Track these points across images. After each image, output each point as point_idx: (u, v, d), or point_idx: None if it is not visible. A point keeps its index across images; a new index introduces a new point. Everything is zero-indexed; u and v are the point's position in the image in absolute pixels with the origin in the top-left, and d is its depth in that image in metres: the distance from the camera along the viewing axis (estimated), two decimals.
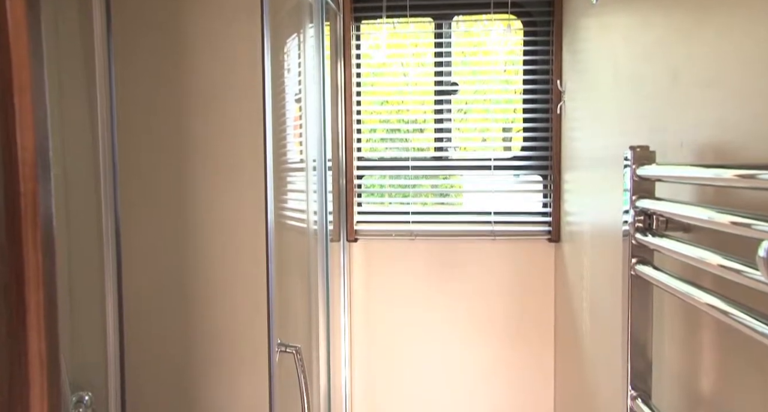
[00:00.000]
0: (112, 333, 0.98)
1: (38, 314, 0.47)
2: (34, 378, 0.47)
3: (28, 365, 0.49)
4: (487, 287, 1.80)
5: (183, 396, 1.86)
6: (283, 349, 1.40)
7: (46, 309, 0.47)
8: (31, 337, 0.48)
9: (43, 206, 0.47)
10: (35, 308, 0.47)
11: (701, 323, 0.83)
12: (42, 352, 0.48)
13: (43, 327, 0.47)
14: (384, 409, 1.86)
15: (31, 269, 0.48)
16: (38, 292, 0.47)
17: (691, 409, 0.87)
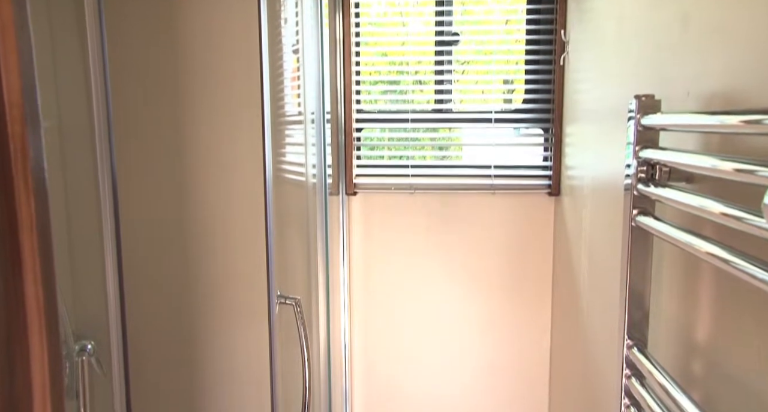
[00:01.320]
0: (111, 283, 0.99)
1: (33, 259, 0.46)
2: (32, 323, 0.47)
3: (25, 311, 0.48)
4: (486, 241, 1.80)
5: (184, 347, 1.89)
6: (283, 301, 1.41)
7: (41, 255, 0.47)
8: (27, 283, 0.48)
9: (33, 149, 0.46)
10: (30, 253, 0.46)
11: (699, 274, 0.83)
12: (39, 298, 0.48)
13: (39, 273, 0.47)
14: (382, 360, 1.89)
15: (24, 214, 0.47)
16: (32, 237, 0.46)
17: (686, 357, 0.88)
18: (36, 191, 0.48)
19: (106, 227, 1.46)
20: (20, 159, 0.45)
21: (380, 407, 1.91)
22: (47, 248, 0.48)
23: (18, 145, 0.45)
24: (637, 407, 0.91)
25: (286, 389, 1.51)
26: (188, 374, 1.89)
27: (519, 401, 1.86)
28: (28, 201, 0.46)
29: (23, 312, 0.48)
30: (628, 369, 0.92)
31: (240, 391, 1.89)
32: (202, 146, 1.77)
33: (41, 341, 0.48)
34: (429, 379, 1.88)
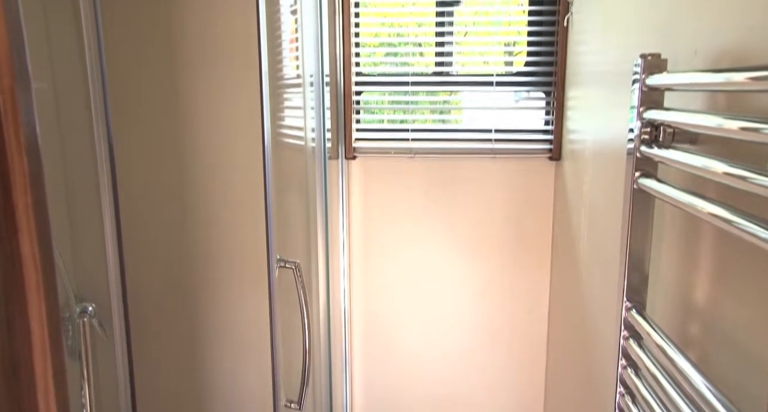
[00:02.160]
0: (111, 247, 0.99)
1: (28, 216, 0.46)
2: (30, 282, 0.47)
3: (22, 270, 0.48)
4: (486, 205, 1.80)
5: (185, 312, 1.90)
6: (283, 264, 1.42)
7: (35, 212, 0.46)
8: (23, 242, 0.47)
9: (23, 104, 0.45)
10: (24, 210, 0.45)
11: (700, 235, 0.83)
12: (35, 254, 0.47)
13: (34, 230, 0.46)
14: (382, 324, 1.91)
15: (17, 171, 0.46)
16: (26, 194, 0.46)
17: (684, 318, 0.88)
18: (28, 149, 0.47)
19: (104, 192, 1.45)
20: (10, 114, 0.44)
21: (379, 369, 1.94)
22: (42, 206, 0.47)
23: (8, 100, 0.44)
24: (634, 367, 0.92)
25: (287, 353, 1.53)
26: (189, 339, 1.91)
27: (517, 363, 1.89)
28: (20, 158, 0.46)
29: (20, 271, 0.48)
30: (626, 331, 0.93)
31: (241, 355, 1.92)
32: (200, 110, 1.75)
33: (39, 300, 0.48)
34: (428, 342, 1.90)
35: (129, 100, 1.74)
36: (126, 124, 1.74)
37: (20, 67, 0.46)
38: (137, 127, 1.76)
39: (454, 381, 1.92)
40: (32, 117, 0.47)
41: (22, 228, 0.46)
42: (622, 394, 0.96)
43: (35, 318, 0.49)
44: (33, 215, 0.46)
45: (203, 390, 1.95)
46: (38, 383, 0.51)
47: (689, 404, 0.73)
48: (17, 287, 0.48)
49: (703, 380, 0.69)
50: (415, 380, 1.93)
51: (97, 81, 1.24)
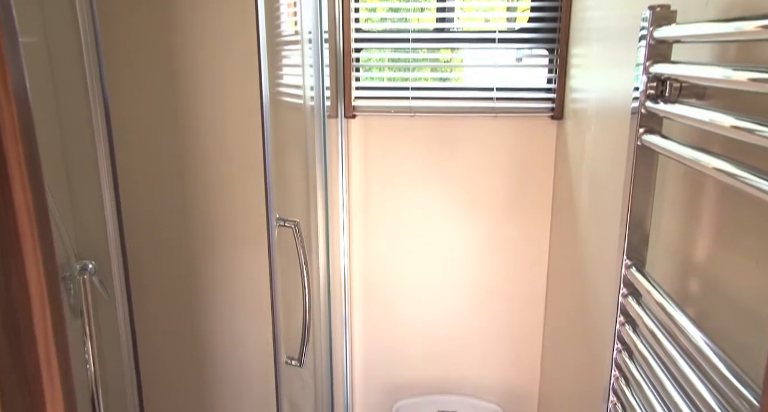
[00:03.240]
0: (108, 204, 0.98)
1: (20, 166, 0.45)
2: (23, 230, 0.46)
3: (16, 221, 0.47)
4: (487, 165, 1.79)
5: (185, 272, 1.91)
6: (282, 223, 1.42)
7: (27, 162, 0.45)
8: (16, 191, 0.46)
9: (9, 52, 0.43)
10: (15, 159, 0.44)
11: (703, 192, 0.82)
12: (29, 205, 0.46)
13: (27, 181, 0.45)
14: (381, 282, 1.92)
15: (6, 119, 0.45)
16: (17, 144, 0.45)
17: (684, 275, 0.88)
18: (18, 99, 0.46)
19: (100, 150, 1.44)
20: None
21: (379, 328, 1.96)
22: (34, 157, 0.46)
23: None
24: (632, 324, 0.93)
25: (287, 311, 1.54)
26: (190, 299, 1.93)
27: (515, 320, 1.91)
28: (9, 107, 0.44)
29: (14, 222, 0.47)
30: (625, 288, 0.93)
31: (242, 313, 1.94)
32: (196, 69, 1.72)
33: (35, 251, 0.47)
34: (427, 300, 1.92)
35: (121, 61, 1.71)
36: (121, 81, 1.71)
37: (5, 14, 0.44)
38: (133, 85, 1.73)
39: (452, 338, 1.94)
40: (20, 66, 0.46)
41: (14, 178, 0.45)
42: (619, 350, 0.97)
43: (32, 270, 0.49)
44: (25, 165, 0.45)
45: (204, 348, 1.97)
46: (38, 335, 0.51)
47: (687, 360, 0.74)
48: (11, 239, 0.47)
49: (702, 336, 0.69)
50: (414, 336, 1.95)
51: (91, 42, 1.21)
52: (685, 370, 0.73)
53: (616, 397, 0.98)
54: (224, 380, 2.00)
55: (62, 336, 0.50)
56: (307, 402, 1.80)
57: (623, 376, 0.96)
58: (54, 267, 0.49)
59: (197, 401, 2.02)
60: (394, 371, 1.99)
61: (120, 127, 1.73)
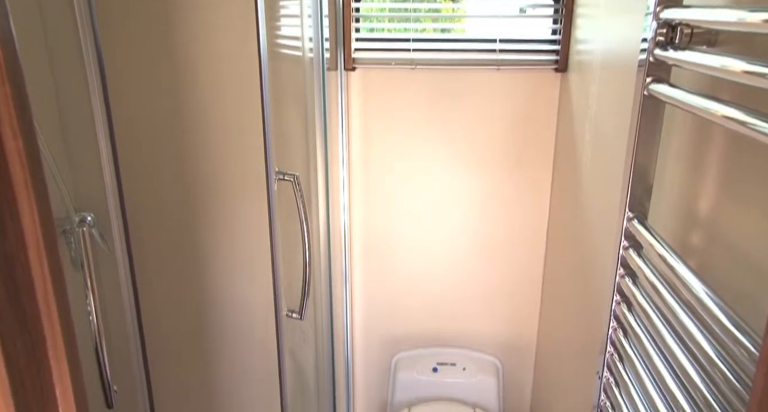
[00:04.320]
0: (105, 156, 0.97)
1: (8, 107, 0.43)
2: (16, 176, 0.45)
3: (8, 165, 0.46)
4: (489, 118, 1.76)
5: (184, 228, 1.91)
6: (281, 177, 1.40)
7: (15, 103, 0.44)
8: (6, 135, 0.45)
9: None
10: (3, 100, 0.43)
11: (709, 143, 0.81)
12: (20, 149, 0.45)
13: (16, 122, 0.44)
14: (381, 237, 1.93)
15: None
16: (3, 85, 0.43)
17: (687, 227, 0.88)
18: (2, 38, 0.44)
19: (95, 102, 1.41)
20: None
21: (379, 281, 1.97)
22: (22, 97, 0.45)
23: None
24: (632, 276, 0.93)
25: (288, 265, 1.55)
26: (190, 253, 1.93)
27: (514, 275, 1.92)
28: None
29: (6, 168, 0.46)
30: (626, 241, 0.93)
31: (242, 268, 1.95)
32: (193, 20, 1.67)
33: (29, 198, 0.47)
34: (427, 254, 1.93)
35: (117, 4, 1.66)
36: (116, 30, 1.67)
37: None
38: (128, 35, 1.69)
39: (452, 292, 1.96)
40: (3, 6, 0.44)
41: (4, 122, 0.44)
42: (618, 302, 0.97)
43: (26, 217, 0.48)
44: (13, 106, 0.43)
45: (205, 302, 1.99)
46: (36, 283, 0.50)
47: (687, 311, 0.74)
48: (4, 185, 0.46)
49: (704, 287, 0.69)
50: (414, 290, 1.97)
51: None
52: (684, 320, 0.73)
53: (614, 348, 0.99)
54: (226, 332, 2.03)
55: (60, 283, 0.50)
56: (308, 355, 1.83)
57: (621, 327, 0.97)
58: (49, 213, 0.48)
59: (199, 353, 2.06)
60: (394, 324, 2.01)
61: (116, 80, 1.70)
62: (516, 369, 2.03)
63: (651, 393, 0.83)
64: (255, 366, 2.06)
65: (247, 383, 2.09)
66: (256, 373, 2.07)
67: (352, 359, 2.06)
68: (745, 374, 0.62)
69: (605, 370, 1.02)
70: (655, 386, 0.83)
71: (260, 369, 2.07)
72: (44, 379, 0.51)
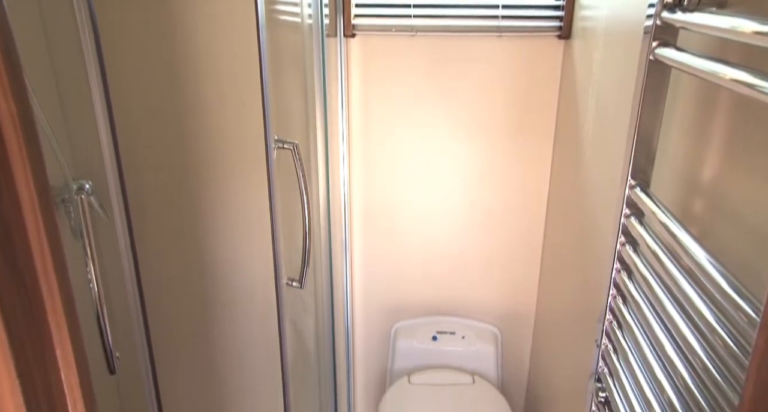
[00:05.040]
0: (102, 122, 0.95)
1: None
2: (8, 136, 0.44)
3: (0, 125, 0.45)
4: (490, 86, 1.74)
5: (184, 193, 1.90)
6: (281, 145, 1.39)
7: (5, 63, 0.43)
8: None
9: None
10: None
11: (715, 109, 0.80)
12: (12, 112, 0.44)
13: (7, 83, 0.43)
14: (382, 205, 1.92)
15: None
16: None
17: (690, 195, 0.87)
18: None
19: (91, 70, 1.39)
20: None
21: (379, 251, 1.98)
22: (12, 55, 0.43)
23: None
24: (632, 244, 0.92)
25: (288, 235, 1.54)
26: (190, 222, 1.93)
27: (514, 244, 1.92)
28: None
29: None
30: (628, 209, 0.92)
31: (241, 238, 1.95)
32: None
33: (23, 158, 0.46)
34: (427, 224, 1.92)
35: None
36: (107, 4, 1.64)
37: None
38: (121, 5, 1.66)
39: (451, 262, 1.96)
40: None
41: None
42: (618, 270, 0.97)
43: (21, 180, 0.47)
44: (3, 66, 0.42)
45: (206, 270, 2.00)
46: (33, 247, 0.50)
47: (687, 278, 0.74)
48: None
49: (706, 254, 0.68)
50: (413, 260, 1.97)
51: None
52: (684, 287, 0.73)
53: (613, 315, 1.00)
54: (227, 300, 2.04)
55: (57, 245, 0.49)
56: (309, 324, 1.84)
57: (621, 295, 0.97)
58: (44, 175, 0.47)
59: (200, 321, 2.07)
60: (394, 294, 2.03)
61: (111, 46, 1.67)
62: (514, 337, 2.05)
63: (649, 360, 0.83)
64: (256, 333, 2.08)
65: (248, 349, 2.11)
66: (257, 340, 2.09)
67: (352, 328, 2.08)
68: (744, 339, 0.62)
69: (604, 337, 1.02)
70: (653, 353, 0.83)
71: (261, 337, 2.09)
72: (45, 342, 0.51)
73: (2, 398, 0.46)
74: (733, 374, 0.63)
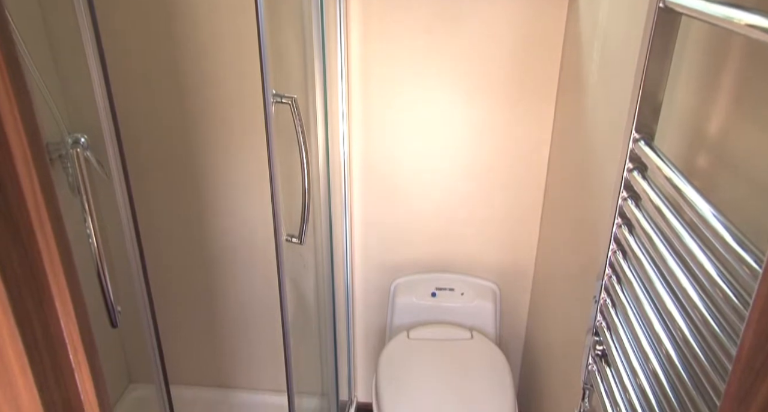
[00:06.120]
0: (96, 77, 0.93)
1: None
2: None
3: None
4: (493, 42, 1.70)
5: (182, 148, 1.89)
6: (279, 99, 1.37)
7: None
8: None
9: None
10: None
11: (726, 59, 0.78)
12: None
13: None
14: (382, 162, 1.91)
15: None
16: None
17: (695, 148, 0.86)
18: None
19: (82, 21, 1.35)
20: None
21: (378, 208, 1.97)
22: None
23: None
24: (635, 199, 0.92)
25: (288, 193, 1.54)
26: (189, 179, 1.92)
27: (514, 201, 1.92)
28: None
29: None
30: (631, 163, 0.91)
31: (241, 194, 1.94)
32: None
33: (11, 103, 0.44)
34: (427, 181, 1.91)
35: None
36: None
37: None
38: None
39: (451, 219, 1.96)
40: None
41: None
42: (620, 225, 0.97)
43: (10, 126, 0.46)
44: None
45: (206, 228, 2.00)
46: (26, 194, 0.49)
47: (690, 232, 0.73)
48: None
49: (710, 208, 0.68)
50: (413, 217, 1.97)
51: None
52: (687, 241, 0.72)
53: (613, 270, 1.00)
54: (227, 256, 2.05)
55: (50, 192, 0.48)
56: (309, 281, 1.86)
57: (621, 250, 0.97)
58: (34, 121, 0.46)
59: (201, 276, 2.09)
60: (393, 251, 2.03)
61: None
62: (513, 294, 2.07)
63: (648, 313, 0.84)
64: (256, 289, 2.10)
65: (249, 304, 2.13)
66: (258, 296, 2.11)
67: (351, 285, 2.10)
68: (745, 291, 0.62)
69: (602, 292, 1.03)
70: (652, 307, 0.84)
71: (262, 293, 2.11)
72: (42, 292, 0.51)
73: (2, 344, 0.46)
74: (732, 327, 0.64)
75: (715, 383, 0.65)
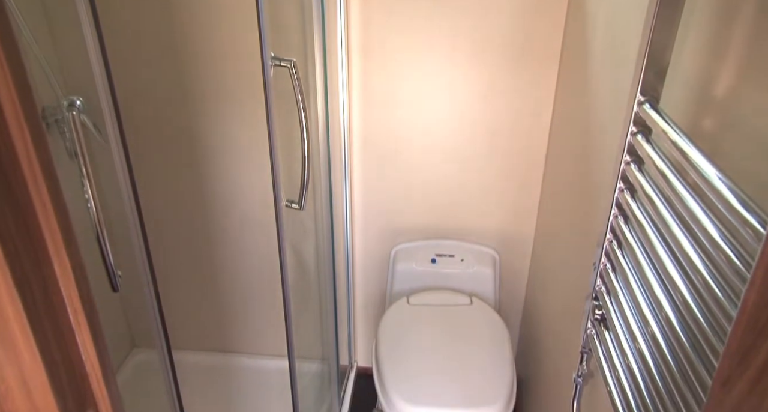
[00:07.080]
0: (90, 41, 0.91)
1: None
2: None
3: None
4: (495, 5, 1.66)
5: (180, 113, 1.87)
6: (278, 62, 1.35)
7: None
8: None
9: None
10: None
11: (737, 18, 0.76)
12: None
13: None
14: (382, 128, 1.89)
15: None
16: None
17: (699, 111, 0.84)
18: None
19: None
20: None
21: (379, 175, 1.96)
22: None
23: None
24: (638, 163, 0.91)
25: (288, 160, 1.52)
26: (188, 144, 1.91)
27: (515, 168, 1.91)
28: None
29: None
30: (635, 126, 0.90)
31: (240, 159, 1.93)
32: None
33: (1, 65, 0.43)
34: (428, 147, 1.90)
35: None
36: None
37: None
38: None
39: (451, 186, 1.96)
40: None
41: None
42: (622, 189, 0.96)
43: (2, 87, 0.45)
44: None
45: (206, 194, 1.99)
46: (20, 153, 0.48)
47: (694, 195, 0.72)
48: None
49: (716, 171, 0.67)
50: (413, 184, 1.96)
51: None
52: (690, 204, 0.72)
53: (613, 235, 0.99)
54: (227, 223, 2.05)
55: (44, 152, 0.47)
56: (309, 248, 1.86)
57: (623, 214, 0.96)
58: (26, 82, 0.45)
59: (202, 244, 2.09)
60: (394, 218, 2.03)
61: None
62: (513, 260, 2.08)
63: (648, 278, 0.84)
64: (256, 255, 2.10)
65: (249, 270, 2.14)
66: (258, 262, 2.12)
67: (352, 251, 2.10)
68: (748, 254, 0.62)
69: (603, 257, 1.03)
70: (653, 271, 0.84)
71: (262, 258, 2.11)
72: (40, 254, 0.50)
73: (2, 305, 0.46)
74: (733, 289, 0.63)
75: (715, 346, 0.65)
